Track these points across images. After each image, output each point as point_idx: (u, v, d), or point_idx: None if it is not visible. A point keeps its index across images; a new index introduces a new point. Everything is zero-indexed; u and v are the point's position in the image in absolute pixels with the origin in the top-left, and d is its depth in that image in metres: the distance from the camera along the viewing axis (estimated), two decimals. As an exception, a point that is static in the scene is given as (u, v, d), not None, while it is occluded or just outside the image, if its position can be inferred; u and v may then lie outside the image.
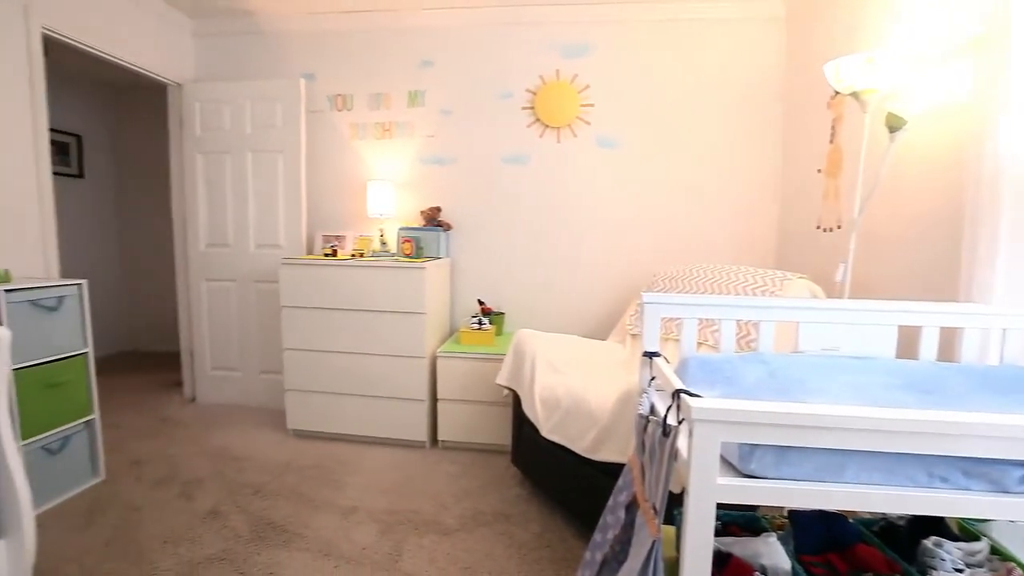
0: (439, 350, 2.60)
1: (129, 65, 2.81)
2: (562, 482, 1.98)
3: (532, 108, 2.98)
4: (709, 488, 0.76)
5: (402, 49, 3.08)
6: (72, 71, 3.79)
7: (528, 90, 2.98)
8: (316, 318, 2.62)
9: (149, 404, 3.24)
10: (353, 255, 2.79)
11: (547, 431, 1.97)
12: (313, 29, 3.13)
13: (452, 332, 3.11)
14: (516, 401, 2.25)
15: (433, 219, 2.97)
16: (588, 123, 2.95)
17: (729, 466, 0.84)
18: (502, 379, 2.27)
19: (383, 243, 2.91)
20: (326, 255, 2.74)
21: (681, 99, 2.88)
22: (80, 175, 4.21)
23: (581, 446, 1.81)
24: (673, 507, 1.09)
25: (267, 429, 2.85)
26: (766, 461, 0.78)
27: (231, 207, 3.09)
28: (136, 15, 2.84)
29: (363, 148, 3.17)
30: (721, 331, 1.27)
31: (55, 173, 2.49)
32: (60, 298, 2.03)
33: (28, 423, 1.89)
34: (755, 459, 0.79)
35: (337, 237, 3.10)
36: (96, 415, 2.21)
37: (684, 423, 0.83)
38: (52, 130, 2.45)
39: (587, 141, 2.97)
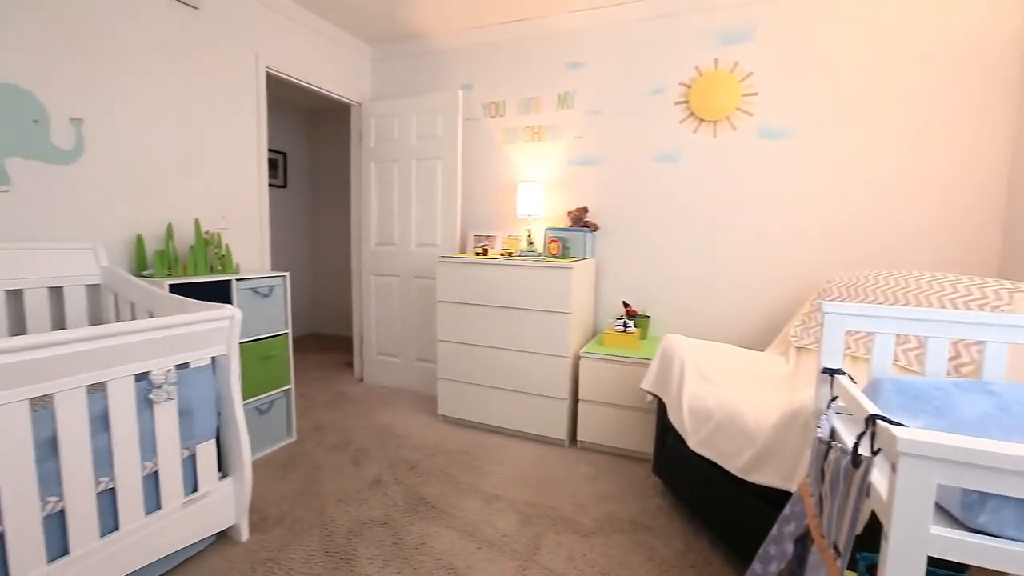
0: (582, 350, 2.60)
1: (323, 91, 3.29)
2: (710, 500, 1.84)
3: (686, 102, 2.82)
4: (919, 538, 0.64)
5: (551, 53, 3.14)
6: (280, 99, 4.57)
7: (682, 83, 2.83)
8: (467, 313, 2.80)
9: (328, 380, 3.77)
10: (502, 254, 2.93)
11: (695, 444, 1.85)
12: (471, 43, 3.35)
13: (595, 333, 3.09)
14: (661, 408, 2.15)
15: (580, 219, 2.98)
16: (750, 114, 2.70)
17: (944, 513, 0.70)
18: (647, 384, 2.19)
19: (530, 243, 3.00)
20: (477, 254, 2.92)
21: (871, 78, 2.47)
22: (284, 186, 5.06)
23: (734, 464, 1.66)
24: (856, 550, 0.94)
25: (420, 412, 3.13)
26: (1004, 516, 0.63)
27: (397, 210, 3.46)
28: (329, 48, 3.32)
29: (514, 151, 3.30)
30: (928, 351, 1.06)
31: (268, 185, 3.03)
32: (271, 287, 2.47)
33: (246, 388, 2.32)
34: (987, 511, 0.64)
35: (487, 237, 3.28)
36: (292, 385, 2.63)
37: (881, 455, 0.71)
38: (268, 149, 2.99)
39: (748, 134, 2.72)
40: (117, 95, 2.17)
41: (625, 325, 2.66)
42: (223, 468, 1.79)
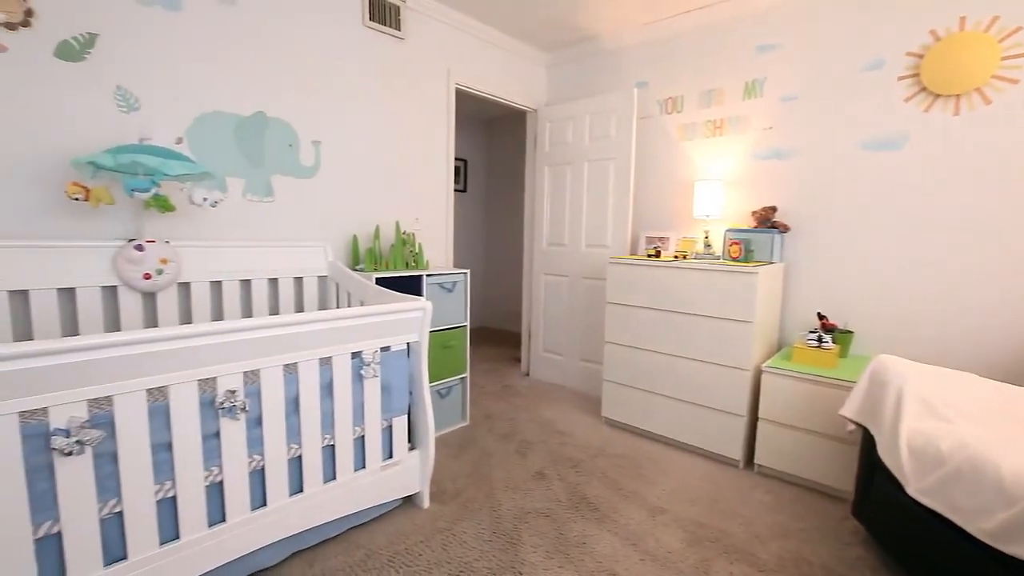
0: (765, 364, 2.34)
1: (502, 100, 3.51)
2: (932, 561, 1.50)
3: (915, 75, 2.33)
4: None
5: (736, 39, 2.88)
6: (462, 111, 5.01)
7: (910, 54, 2.34)
8: (637, 316, 2.73)
9: (497, 372, 4.03)
10: (676, 256, 2.79)
11: (917, 491, 1.52)
12: (647, 39, 3.25)
13: (781, 346, 2.75)
14: (867, 441, 1.82)
15: (766, 219, 2.68)
16: (1014, 81, 2.12)
17: None
18: (849, 411, 1.87)
19: (708, 245, 2.80)
20: (649, 256, 2.82)
21: None
22: (464, 190, 5.55)
23: (979, 526, 1.33)
24: None
25: (583, 412, 3.15)
26: None
27: (568, 211, 3.53)
28: (508, 60, 3.53)
29: (691, 148, 3.11)
30: None
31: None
32: (454, 282, 2.73)
33: (430, 373, 2.59)
34: None
35: (660, 238, 3.15)
36: (467, 374, 2.87)
37: None
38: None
39: (1013, 106, 2.14)
40: (342, 119, 2.62)
41: (820, 340, 2.32)
42: (412, 441, 2.03)
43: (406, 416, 1.97)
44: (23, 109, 1.74)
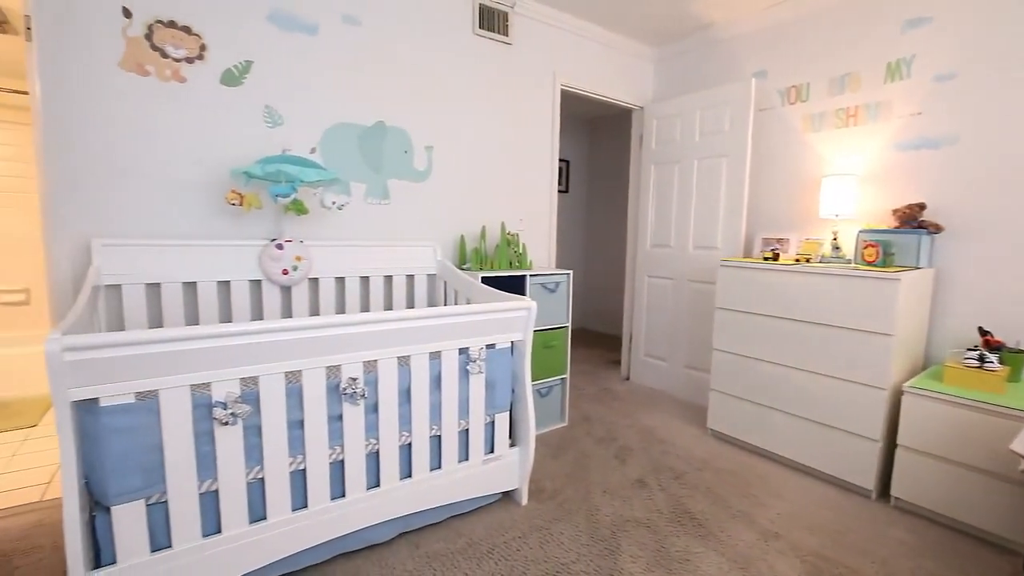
0: (908, 384, 2.05)
1: (608, 99, 3.45)
2: None
3: None
4: None
5: (876, 15, 2.56)
6: (566, 112, 5.00)
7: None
8: (750, 323, 2.54)
9: (595, 374, 3.97)
10: (797, 259, 2.55)
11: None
12: (766, 25, 3.01)
13: (927, 364, 2.41)
14: (1046, 484, 1.52)
15: (912, 219, 2.35)
16: None
17: None
18: (1022, 447, 1.58)
19: (836, 247, 2.52)
20: (765, 258, 2.61)
21: None
22: (566, 191, 5.54)
23: None
24: None
25: (686, 421, 3.00)
26: None
27: (675, 211, 3.38)
28: (613, 58, 3.46)
29: (817, 141, 2.83)
30: None
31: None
32: (557, 283, 2.74)
33: (532, 371, 2.62)
34: None
35: (779, 240, 2.90)
36: (567, 375, 2.86)
37: None
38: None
39: None
40: (453, 125, 2.75)
41: (982, 359, 1.98)
42: (512, 438, 2.07)
43: (508, 413, 2.02)
44: (196, 129, 2.05)
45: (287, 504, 1.52)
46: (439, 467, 1.85)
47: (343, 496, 1.63)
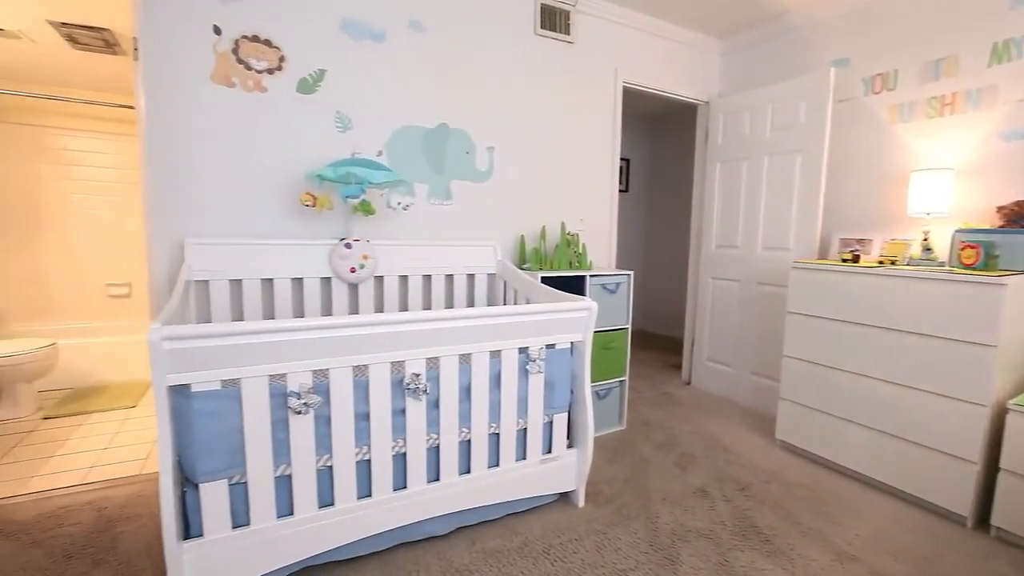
0: (1013, 401, 1.84)
1: (671, 95, 3.35)
2: None
3: None
4: None
5: (986, -9, 2.32)
6: (626, 109, 4.90)
7: None
8: (826, 329, 2.38)
9: (654, 378, 3.87)
10: (881, 262, 2.36)
11: None
12: (849, 8, 2.81)
13: (1035, 380, 2.16)
14: None
15: (1021, 217, 2.11)
16: None
17: None
18: None
19: (927, 248, 2.31)
20: (844, 260, 2.43)
21: None
22: (626, 190, 5.44)
23: None
24: None
25: (753, 431, 2.85)
26: None
27: (742, 210, 3.23)
28: (678, 52, 3.35)
29: (906, 133, 2.60)
30: None
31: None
32: (617, 284, 2.69)
33: (591, 373, 2.61)
34: None
35: (860, 240, 2.70)
36: (626, 378, 2.81)
37: None
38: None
39: None
40: (514, 126, 2.77)
41: (1107, 376, 1.75)
42: (570, 439, 2.06)
43: (567, 414, 2.01)
44: (275, 135, 2.19)
45: (353, 492, 1.59)
46: (497, 465, 1.87)
47: (404, 488, 1.69)
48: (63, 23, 2.67)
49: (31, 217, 3.68)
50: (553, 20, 2.81)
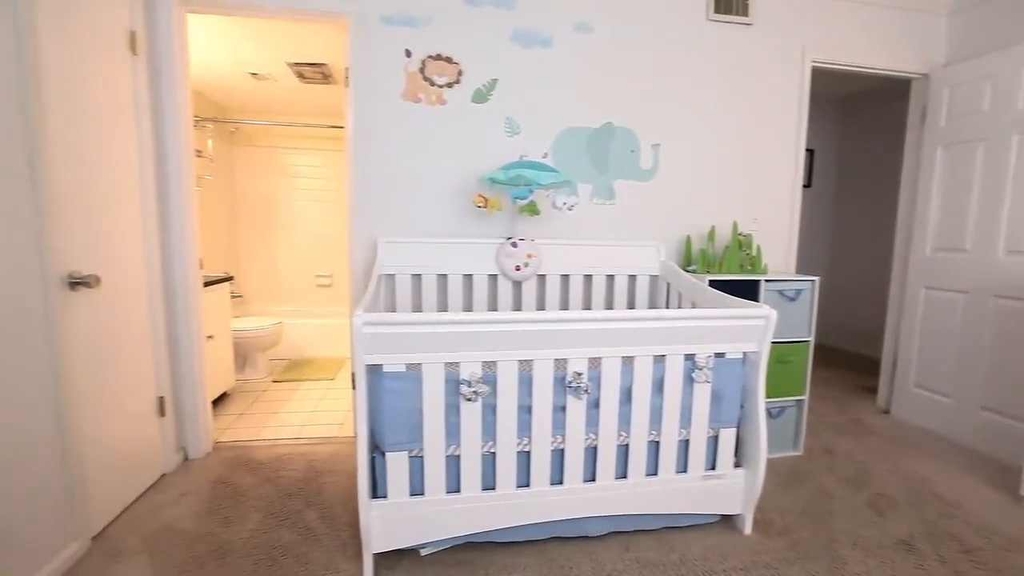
0: None
1: (875, 70, 2.85)
2: None
3: None
4: None
5: None
6: (811, 92, 4.30)
7: None
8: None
9: (841, 401, 3.35)
10: None
11: None
12: None
13: None
14: None
15: None
16: None
17: None
18: None
19: None
20: None
21: None
22: (808, 184, 4.79)
23: None
24: None
25: (981, 481, 2.29)
26: None
27: (975, 205, 2.61)
28: (883, 18, 2.82)
29: None
30: None
31: (801, 184, 2.93)
32: (798, 291, 2.38)
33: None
34: None
35: None
36: (805, 397, 2.47)
37: None
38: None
39: None
40: (681, 121, 2.62)
41: None
42: (737, 458, 1.88)
43: (735, 429, 1.84)
44: (452, 144, 2.39)
45: (513, 480, 1.66)
46: (655, 474, 1.79)
47: (561, 483, 1.71)
48: (296, 63, 3.26)
49: (269, 221, 4.60)
50: (728, 2, 2.59)
